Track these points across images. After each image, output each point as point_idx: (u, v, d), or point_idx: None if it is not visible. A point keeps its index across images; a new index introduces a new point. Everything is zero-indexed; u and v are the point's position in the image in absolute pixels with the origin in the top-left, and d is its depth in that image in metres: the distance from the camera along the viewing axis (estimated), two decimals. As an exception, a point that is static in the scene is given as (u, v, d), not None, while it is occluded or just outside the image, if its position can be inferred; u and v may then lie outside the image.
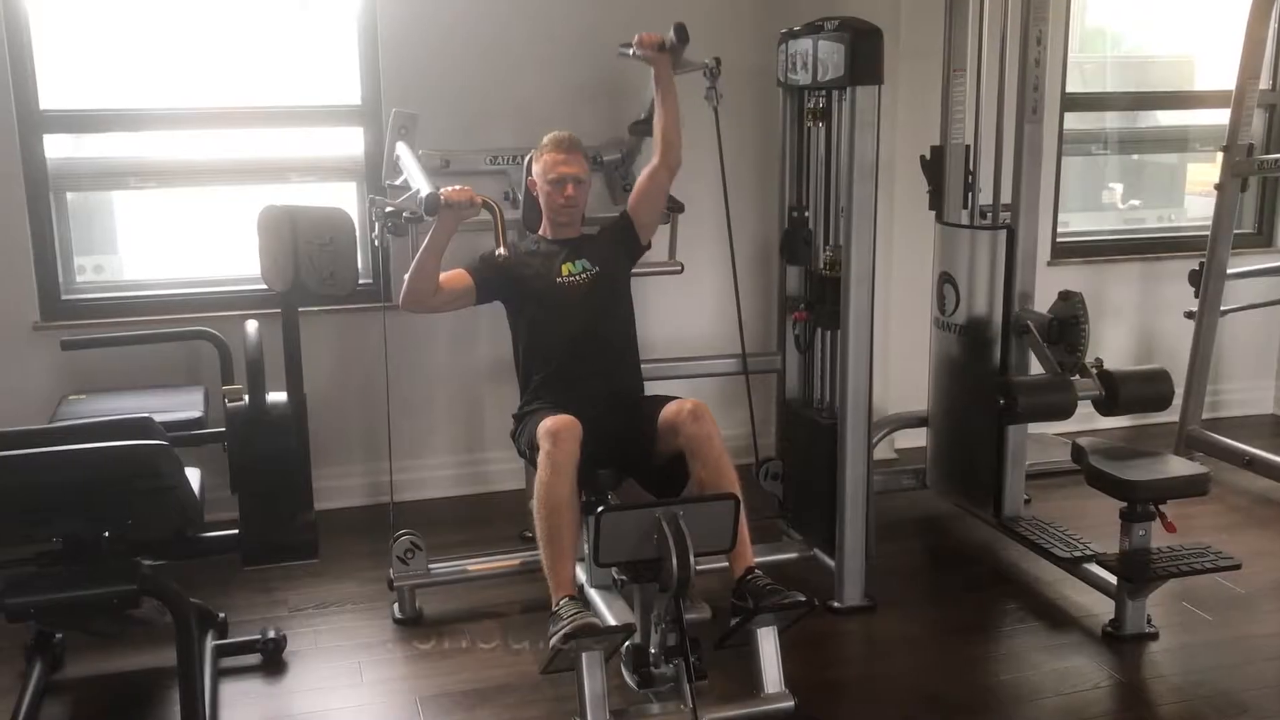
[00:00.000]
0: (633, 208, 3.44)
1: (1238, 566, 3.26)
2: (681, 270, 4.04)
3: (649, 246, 3.49)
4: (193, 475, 2.77)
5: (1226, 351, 5.03)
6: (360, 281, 3.64)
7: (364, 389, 4.09)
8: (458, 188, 3.09)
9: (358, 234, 3.04)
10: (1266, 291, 4.74)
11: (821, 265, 3.56)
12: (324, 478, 3.81)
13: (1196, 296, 4.50)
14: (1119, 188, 5.41)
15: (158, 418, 2.80)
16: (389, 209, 3.25)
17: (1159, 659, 3.15)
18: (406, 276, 3.19)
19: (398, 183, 3.60)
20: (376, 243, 3.36)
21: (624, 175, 4.16)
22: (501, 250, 3.06)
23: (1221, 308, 4.52)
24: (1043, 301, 3.64)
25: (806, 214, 3.68)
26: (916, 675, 3.11)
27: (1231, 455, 4.44)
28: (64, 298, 3.98)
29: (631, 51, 3.41)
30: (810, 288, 3.66)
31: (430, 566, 3.39)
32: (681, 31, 3.28)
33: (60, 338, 3.68)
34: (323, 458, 3.77)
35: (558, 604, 2.78)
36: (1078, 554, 3.44)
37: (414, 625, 3.35)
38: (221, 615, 3.25)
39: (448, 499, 4.31)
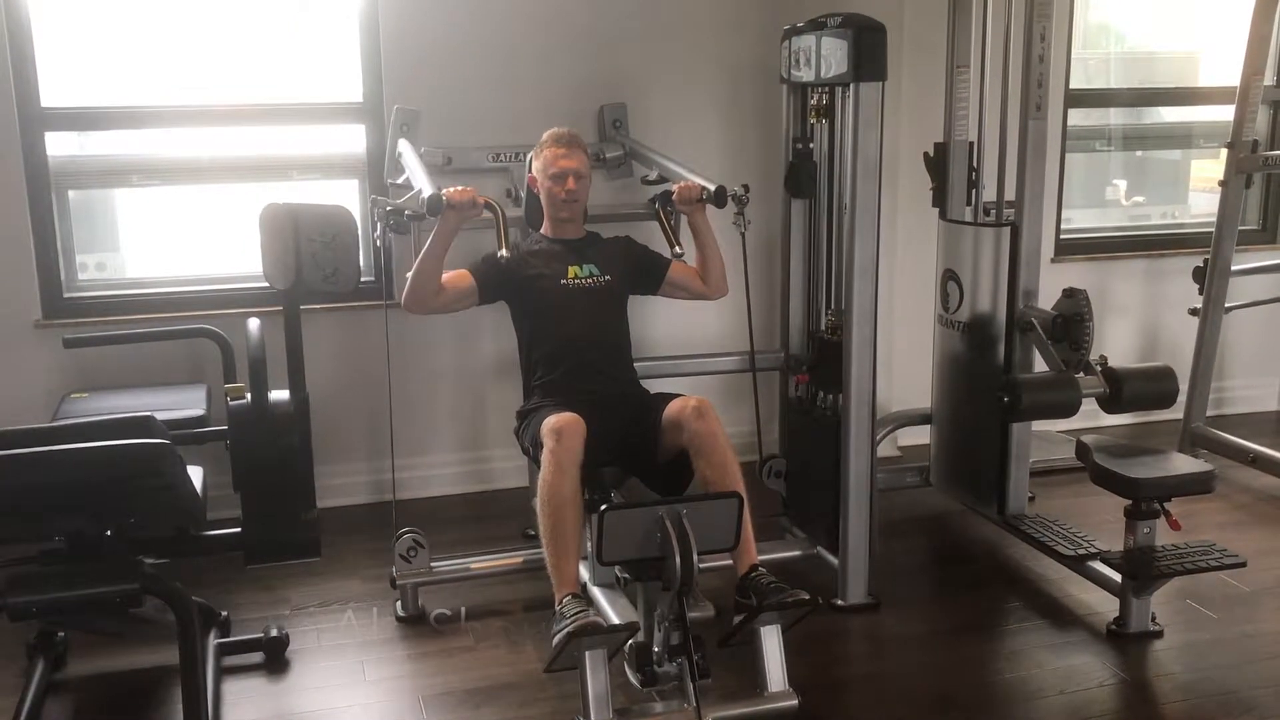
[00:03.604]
0: (672, 277, 3.49)
1: (1243, 564, 3.25)
2: (684, 268, 4.03)
3: (657, 295, 3.55)
4: (195, 473, 2.76)
5: (1231, 348, 5.02)
6: (362, 279, 3.65)
7: (366, 387, 4.08)
8: (460, 188, 3.09)
9: (360, 232, 3.03)
10: (1271, 288, 4.73)
11: (823, 328, 3.58)
12: (326, 476, 3.80)
13: (1201, 293, 4.49)
14: (1123, 184, 5.40)
15: (160, 416, 2.80)
16: (390, 208, 3.25)
17: (1163, 657, 3.15)
18: (409, 277, 3.18)
19: (399, 181, 3.60)
20: (379, 242, 3.36)
21: (620, 161, 4.16)
22: (504, 252, 3.06)
23: (1226, 304, 4.51)
24: (1046, 298, 3.63)
25: (811, 145, 3.66)
26: (920, 673, 3.10)
27: (1236, 452, 4.43)
28: (66, 295, 3.98)
29: (671, 209, 3.52)
30: (812, 350, 3.67)
31: (433, 564, 3.39)
32: (720, 197, 3.37)
33: (62, 335, 3.68)
34: (325, 456, 3.76)
35: (561, 602, 2.78)
36: (1082, 552, 3.43)
37: (417, 624, 3.34)
38: (224, 613, 3.25)
39: (450, 497, 4.31)
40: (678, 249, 3.53)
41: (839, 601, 3.40)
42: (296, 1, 4.09)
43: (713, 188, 3.38)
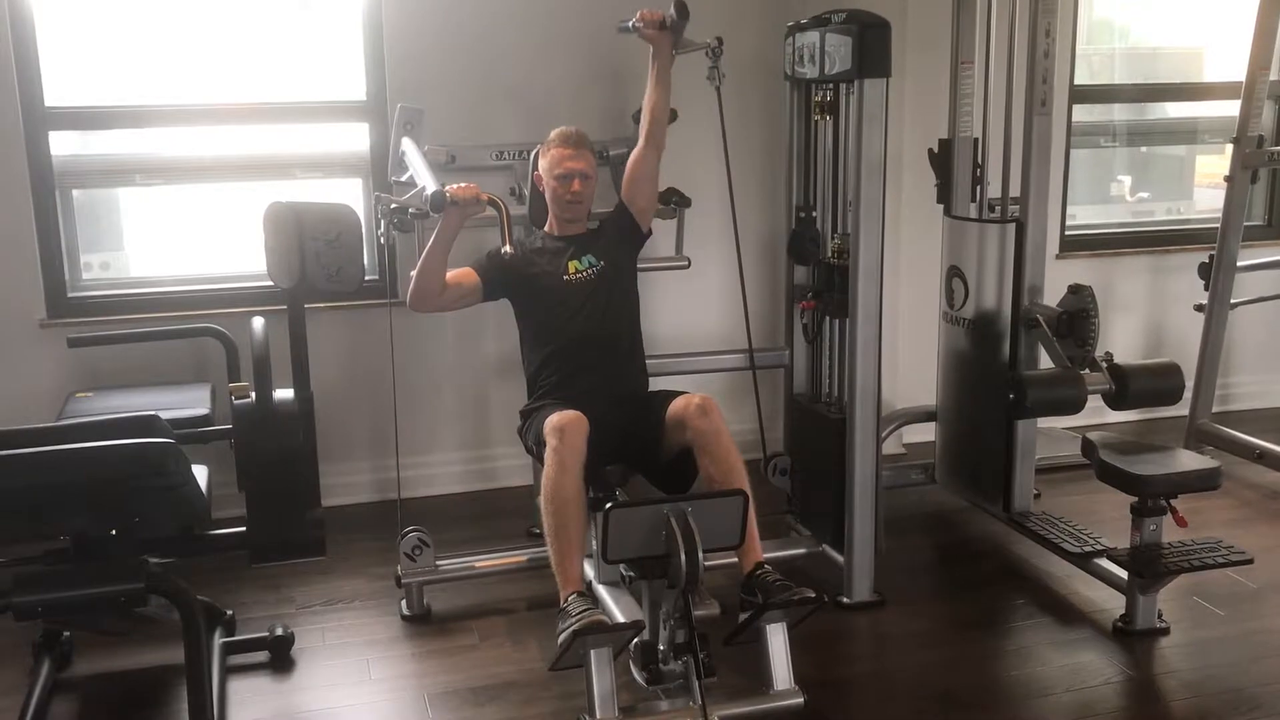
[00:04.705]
0: (626, 195, 3.42)
1: (1249, 561, 3.25)
2: (688, 265, 4.03)
3: (650, 234, 3.47)
4: (200, 472, 2.76)
5: (1236, 345, 5.01)
6: (366, 278, 3.65)
7: (371, 385, 4.08)
8: (463, 185, 3.08)
9: (363, 230, 3.03)
10: (1277, 284, 4.71)
11: (829, 253, 3.55)
12: (331, 474, 3.79)
13: (1206, 289, 4.48)
14: (1127, 180, 5.39)
15: (164, 415, 2.80)
16: (394, 205, 3.25)
17: (1170, 654, 3.14)
18: (413, 275, 3.18)
19: (403, 179, 3.60)
20: (383, 240, 3.35)
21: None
22: (507, 248, 3.06)
23: (1231, 300, 4.49)
24: (1051, 295, 3.62)
25: (814, 214, 3.67)
26: (926, 671, 3.10)
27: (1242, 449, 4.41)
28: (70, 295, 3.98)
29: (631, 25, 3.38)
30: (818, 276, 3.64)
31: (438, 563, 3.39)
32: (682, 9, 3.26)
33: (67, 335, 3.68)
34: (330, 454, 3.75)
35: (566, 600, 2.77)
36: (1088, 549, 3.42)
37: (422, 622, 3.34)
38: (229, 612, 3.25)
39: (455, 495, 4.31)
40: (630, 21, 3.36)
41: (844, 599, 3.39)
42: (299, 0, 4.09)
43: (673, 8, 3.25)
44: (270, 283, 2.95)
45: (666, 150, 3.44)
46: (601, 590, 3.03)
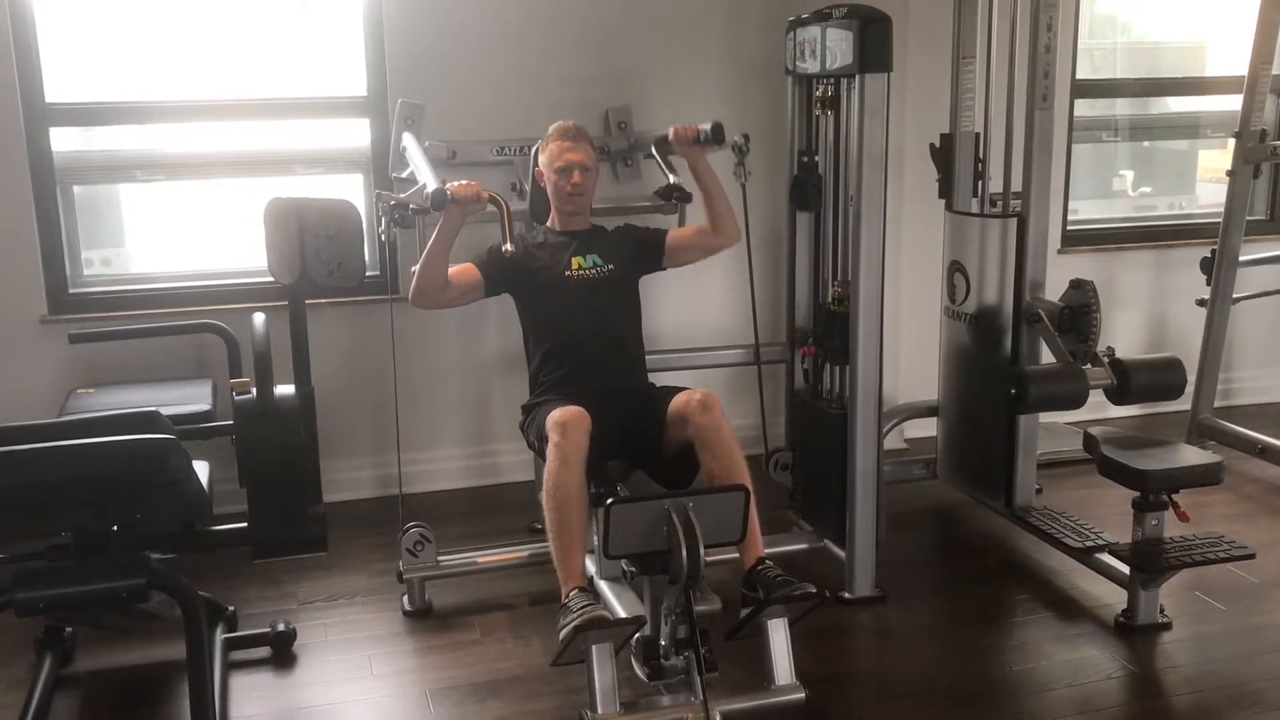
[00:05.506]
0: (672, 244, 3.44)
1: (1251, 556, 3.24)
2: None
3: (666, 269, 3.49)
4: (201, 468, 2.76)
5: (1239, 339, 5.00)
6: (367, 273, 3.65)
7: (372, 381, 4.09)
8: (464, 183, 3.08)
9: (364, 226, 3.03)
10: (1279, 279, 4.71)
11: (830, 300, 3.56)
12: (332, 470, 3.80)
13: (1208, 284, 4.47)
14: (1130, 175, 5.38)
15: (166, 411, 2.80)
16: (395, 202, 3.25)
17: (1172, 649, 3.14)
18: (414, 272, 3.18)
19: (404, 175, 3.60)
20: (383, 237, 3.35)
21: (628, 161, 4.15)
22: (508, 246, 3.06)
23: (1234, 295, 4.49)
24: (1053, 290, 3.62)
25: (816, 159, 3.66)
26: (928, 666, 3.10)
27: (1244, 444, 4.41)
28: (71, 291, 3.98)
29: (671, 176, 3.49)
30: (818, 322, 3.65)
31: (439, 559, 3.39)
32: (719, 133, 3.31)
33: (68, 331, 3.69)
34: (331, 450, 3.75)
35: (567, 596, 2.78)
36: (1090, 544, 3.42)
37: (424, 618, 3.34)
38: (231, 608, 3.25)
39: (457, 491, 4.31)
40: (674, 178, 3.47)
41: (846, 595, 3.39)
42: (300, -4, 4.10)
43: (709, 126, 3.31)
44: (271, 278, 2.95)
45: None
46: (603, 585, 3.03)
